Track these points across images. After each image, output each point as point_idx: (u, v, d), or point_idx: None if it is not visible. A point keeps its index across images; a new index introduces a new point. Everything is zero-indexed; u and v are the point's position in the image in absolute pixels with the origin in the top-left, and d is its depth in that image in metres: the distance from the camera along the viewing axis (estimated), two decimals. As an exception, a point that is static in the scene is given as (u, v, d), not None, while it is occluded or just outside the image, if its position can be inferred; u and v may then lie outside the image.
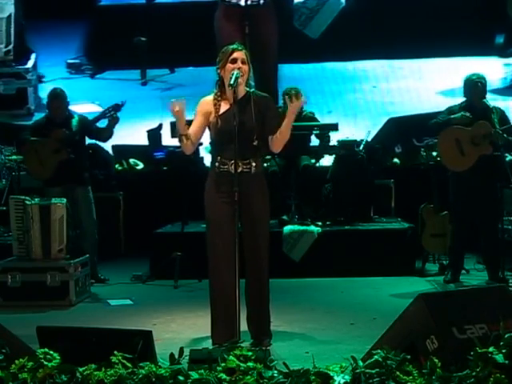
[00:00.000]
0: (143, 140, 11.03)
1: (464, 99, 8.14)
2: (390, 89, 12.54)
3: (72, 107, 9.30)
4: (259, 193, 5.88)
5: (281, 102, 9.61)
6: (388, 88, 12.58)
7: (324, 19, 12.56)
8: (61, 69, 13.25)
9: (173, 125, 9.98)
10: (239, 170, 5.72)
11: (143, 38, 12.54)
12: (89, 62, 13.40)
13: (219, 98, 5.86)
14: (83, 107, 11.72)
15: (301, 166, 9.35)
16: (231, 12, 9.02)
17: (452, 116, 8.01)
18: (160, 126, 10.85)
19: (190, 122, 5.92)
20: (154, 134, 10.99)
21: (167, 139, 10.49)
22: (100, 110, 9.81)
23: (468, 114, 7.93)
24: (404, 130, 10.76)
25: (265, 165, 8.48)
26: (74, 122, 8.63)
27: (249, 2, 9.04)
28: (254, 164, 5.82)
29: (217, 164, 5.83)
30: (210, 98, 5.91)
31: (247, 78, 5.87)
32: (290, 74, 11.54)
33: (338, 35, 12.47)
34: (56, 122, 8.63)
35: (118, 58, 12.83)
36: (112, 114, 8.61)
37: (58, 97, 8.73)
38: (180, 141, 5.89)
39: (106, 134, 8.80)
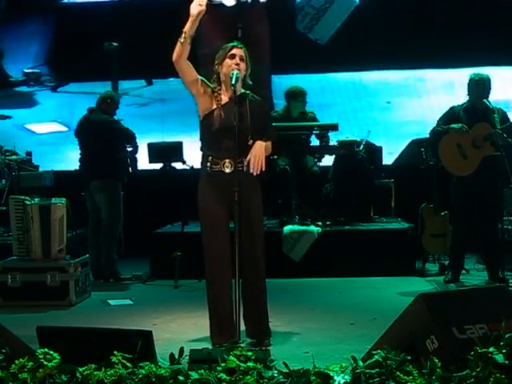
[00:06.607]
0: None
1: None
2: (413, 105, 11.08)
3: (30, 126, 8.69)
4: (252, 191, 5.81)
5: (281, 106, 9.60)
6: (410, 104, 11.13)
7: (333, 21, 10.73)
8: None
9: (151, 148, 9.18)
10: (232, 169, 5.66)
11: (115, 43, 11.07)
12: (50, 71, 11.80)
13: (219, 92, 5.78)
14: (44, 127, 10.17)
15: (308, 167, 9.39)
16: (215, 14, 7.43)
17: (451, 125, 8.02)
18: (135, 150, 9.18)
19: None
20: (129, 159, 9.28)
21: (144, 165, 9.30)
22: (64, 129, 8.98)
23: (466, 128, 7.94)
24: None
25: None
26: None
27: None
28: (246, 163, 5.74)
29: (208, 164, 5.76)
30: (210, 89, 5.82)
31: (245, 77, 5.82)
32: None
33: (350, 40, 10.80)
34: None
35: (85, 68, 11.05)
36: None
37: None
38: (180, 38, 5.57)
39: None
